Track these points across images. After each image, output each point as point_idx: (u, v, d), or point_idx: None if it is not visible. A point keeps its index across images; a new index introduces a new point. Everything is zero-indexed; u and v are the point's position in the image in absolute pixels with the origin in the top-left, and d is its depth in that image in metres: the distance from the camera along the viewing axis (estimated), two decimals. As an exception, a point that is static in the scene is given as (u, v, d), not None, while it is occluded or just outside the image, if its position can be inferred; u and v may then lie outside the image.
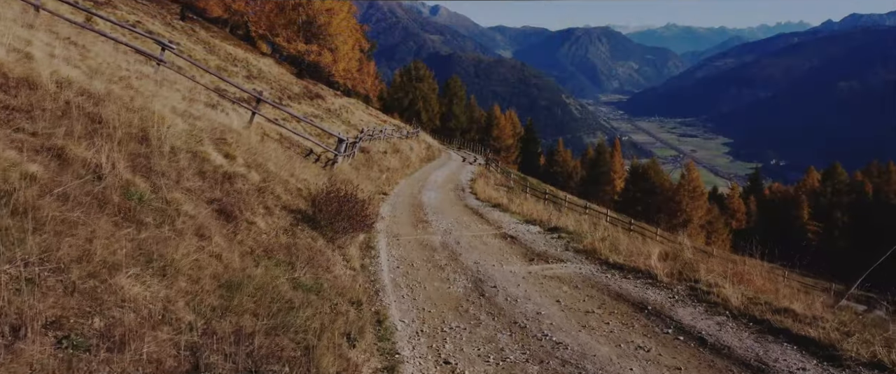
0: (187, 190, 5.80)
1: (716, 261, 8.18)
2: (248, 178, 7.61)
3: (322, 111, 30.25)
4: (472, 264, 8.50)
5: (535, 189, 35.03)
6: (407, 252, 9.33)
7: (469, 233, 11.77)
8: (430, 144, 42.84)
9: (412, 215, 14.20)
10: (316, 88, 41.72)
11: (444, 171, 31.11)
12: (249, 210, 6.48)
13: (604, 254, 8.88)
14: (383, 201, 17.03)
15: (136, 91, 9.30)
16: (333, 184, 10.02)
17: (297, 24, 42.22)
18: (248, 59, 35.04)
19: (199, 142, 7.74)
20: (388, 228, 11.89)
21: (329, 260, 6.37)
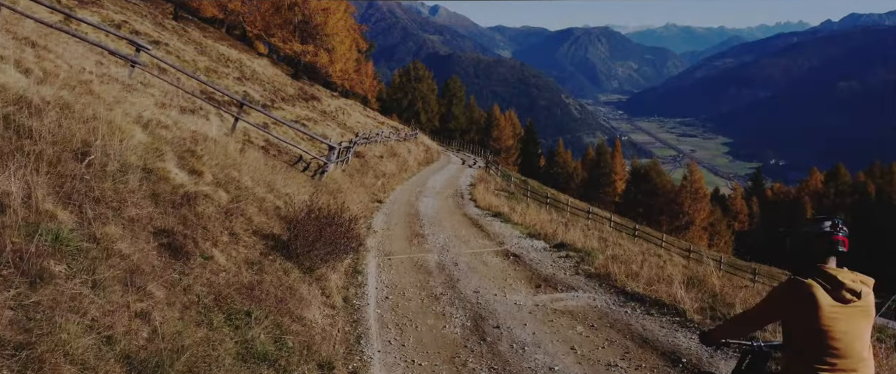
0: (130, 220, 4.80)
1: (749, 292, 7.16)
2: (215, 198, 6.60)
3: (317, 114, 29.25)
4: (471, 293, 7.50)
5: (537, 193, 34.01)
6: (399, 277, 8.33)
7: (468, 250, 10.78)
8: (429, 146, 41.85)
9: (407, 228, 13.20)
10: (312, 89, 40.73)
11: (442, 175, 30.12)
12: (209, 240, 5.48)
13: (620, 279, 7.88)
14: (378, 210, 16.04)
15: (96, 97, 8.30)
16: (316, 200, 9.00)
17: (293, 24, 41.26)
18: (242, 60, 34.05)
19: (160, 156, 6.74)
20: (381, 244, 10.89)
21: (302, 300, 5.37)
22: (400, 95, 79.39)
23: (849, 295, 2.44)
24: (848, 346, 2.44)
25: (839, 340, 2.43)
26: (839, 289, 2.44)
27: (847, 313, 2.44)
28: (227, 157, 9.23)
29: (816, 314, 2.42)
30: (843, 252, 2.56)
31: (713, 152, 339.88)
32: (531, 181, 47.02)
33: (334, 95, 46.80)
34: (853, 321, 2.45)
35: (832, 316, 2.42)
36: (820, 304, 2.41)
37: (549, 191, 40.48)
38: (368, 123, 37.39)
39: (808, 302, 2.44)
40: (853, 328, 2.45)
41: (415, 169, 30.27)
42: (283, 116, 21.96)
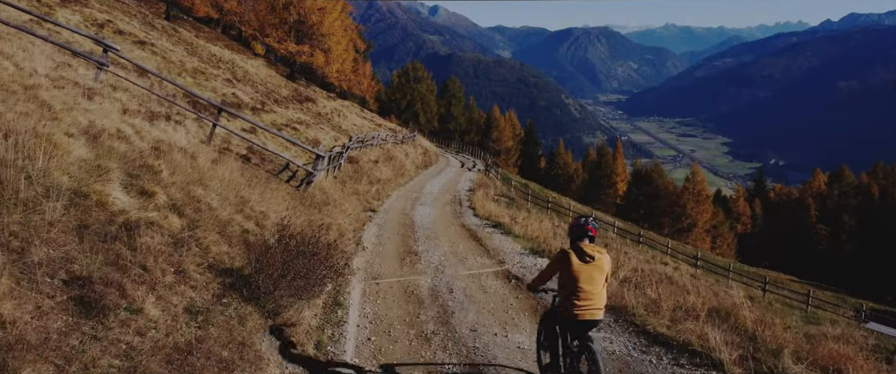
0: (32, 267, 3.77)
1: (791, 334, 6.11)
2: (164, 225, 5.57)
3: (311, 116, 28.21)
4: (467, 331, 6.46)
5: (538, 197, 32.96)
6: (386, 309, 7.30)
7: (465, 271, 9.75)
8: (427, 148, 40.80)
9: (400, 243, 12.16)
10: (307, 90, 39.69)
11: (441, 179, 29.08)
12: (145, 284, 4.45)
13: (638, 313, 6.85)
14: (370, 220, 15.01)
15: (41, 105, 7.26)
16: (295, 220, 7.97)
17: (289, 24, 40.20)
18: (235, 61, 33.01)
19: (102, 176, 5.70)
20: (369, 264, 9.86)
21: (258, 360, 4.34)
22: (399, 95, 78.42)
23: (588, 259, 4.29)
24: (587, 287, 4.25)
25: (583, 281, 4.25)
26: (583, 256, 4.29)
27: (587, 268, 4.28)
28: (196, 170, 8.19)
29: (570, 268, 4.29)
30: (591, 236, 4.45)
31: (713, 152, 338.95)
32: (532, 184, 46.01)
33: (331, 96, 45.75)
34: (590, 272, 4.28)
35: (578, 269, 4.27)
36: (572, 263, 4.29)
37: (550, 194, 39.45)
38: (365, 126, 36.34)
39: (567, 262, 4.32)
40: (590, 276, 4.27)
41: (412, 173, 29.23)
42: (273, 120, 20.93)
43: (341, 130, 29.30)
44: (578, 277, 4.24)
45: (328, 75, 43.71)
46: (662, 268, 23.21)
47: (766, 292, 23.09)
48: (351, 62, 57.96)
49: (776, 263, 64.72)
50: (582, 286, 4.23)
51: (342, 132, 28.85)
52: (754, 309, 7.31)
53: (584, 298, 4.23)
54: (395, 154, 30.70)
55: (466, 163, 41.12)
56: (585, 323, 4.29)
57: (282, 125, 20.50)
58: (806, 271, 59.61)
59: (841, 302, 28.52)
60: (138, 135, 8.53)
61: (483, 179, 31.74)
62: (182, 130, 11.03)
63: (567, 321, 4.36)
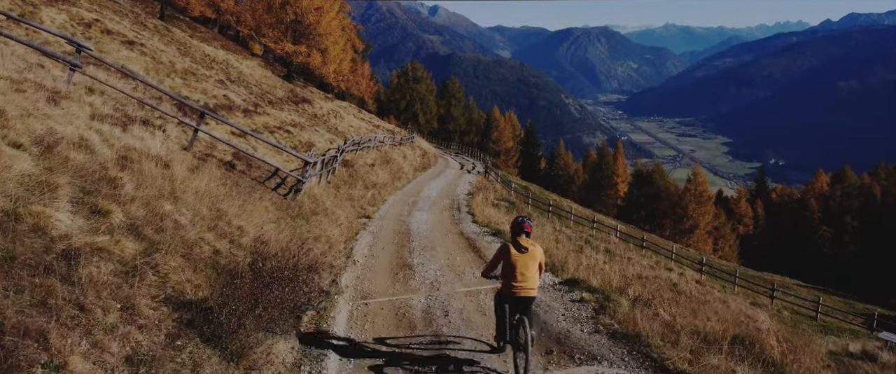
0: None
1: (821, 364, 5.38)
2: (115, 251, 4.85)
3: (306, 118, 27.49)
4: (464, 365, 5.74)
5: (538, 200, 32.27)
6: (374, 336, 6.58)
7: (463, 287, 9.03)
8: (426, 150, 40.09)
9: (394, 254, 11.45)
10: (304, 91, 38.98)
11: (439, 182, 28.36)
12: (80, 327, 3.73)
13: (653, 343, 6.14)
14: (364, 228, 14.29)
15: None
16: (274, 237, 7.25)
17: (285, 24, 39.49)
18: (229, 61, 32.30)
19: (47, 193, 4.99)
20: (359, 280, 9.14)
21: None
22: (398, 96, 77.77)
23: (523, 250, 5.43)
24: (524, 274, 5.40)
25: (520, 267, 5.39)
26: (520, 248, 5.44)
27: (523, 257, 5.43)
28: (168, 181, 7.47)
29: (510, 257, 5.42)
30: (527, 232, 5.60)
31: (713, 152, 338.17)
32: (532, 186, 45.28)
33: (329, 97, 45.04)
34: (526, 261, 5.43)
35: (516, 258, 5.41)
36: (511, 253, 5.43)
37: (551, 197, 38.72)
38: (362, 127, 35.63)
39: (507, 253, 5.46)
40: (526, 263, 5.42)
41: (410, 176, 28.51)
42: (265, 123, 20.21)
43: (337, 133, 28.57)
44: (516, 264, 5.44)
45: (326, 76, 43.00)
46: (667, 274, 22.50)
47: (774, 299, 22.40)
48: (349, 62, 57.24)
49: (779, 265, 64.00)
50: (519, 271, 5.44)
51: (338, 134, 28.12)
52: (780, 335, 6.59)
53: (520, 280, 5.42)
54: (393, 157, 29.99)
55: (466, 165, 40.40)
56: (524, 299, 5.47)
57: (274, 128, 19.78)
58: (809, 273, 58.90)
59: (849, 308, 27.84)
60: (106, 143, 7.81)
61: (483, 181, 31.02)
62: (160, 137, 10.31)
63: (510, 298, 5.52)
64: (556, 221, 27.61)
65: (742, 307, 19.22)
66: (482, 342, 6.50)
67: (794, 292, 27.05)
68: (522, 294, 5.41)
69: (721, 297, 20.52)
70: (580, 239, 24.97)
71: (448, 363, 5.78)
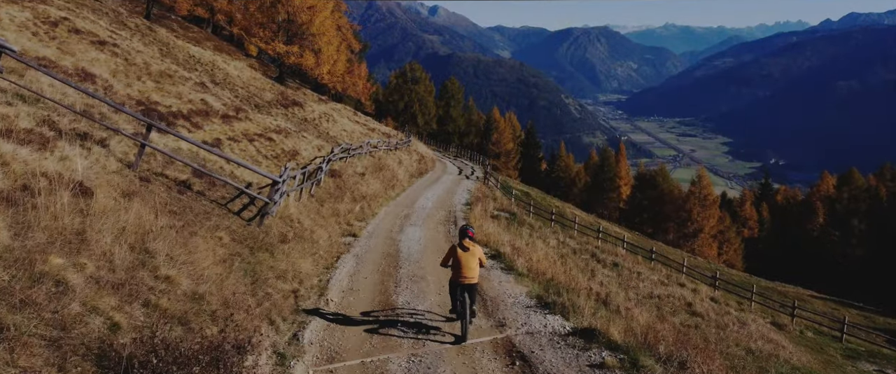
0: None
1: None
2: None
3: (294, 123, 25.83)
4: None
5: (541, 207, 30.59)
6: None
7: (455, 346, 7.38)
8: (423, 154, 38.42)
9: (378, 287, 9.80)
10: (296, 93, 37.34)
11: (436, 190, 26.70)
12: None
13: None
14: (348, 250, 12.63)
15: None
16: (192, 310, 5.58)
17: (277, 23, 37.85)
18: (216, 63, 30.63)
19: None
20: (328, 333, 7.45)
21: None
22: (396, 97, 76.15)
23: (466, 249, 7.60)
24: (466, 266, 7.50)
25: (464, 263, 7.50)
26: (464, 248, 7.57)
27: (466, 255, 7.56)
28: (80, 218, 5.81)
29: (457, 255, 7.58)
30: (470, 236, 7.74)
31: (713, 152, 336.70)
32: (533, 191, 43.59)
33: (323, 99, 43.39)
34: (467, 258, 7.55)
35: (461, 256, 7.55)
36: (458, 252, 7.59)
37: (553, 203, 37.03)
38: (356, 131, 33.97)
39: (455, 252, 7.63)
40: (468, 260, 7.54)
41: (405, 184, 26.84)
42: (246, 130, 18.54)
43: (328, 138, 26.90)
44: (461, 260, 7.63)
45: (320, 77, 41.35)
46: (680, 291, 20.86)
47: (795, 318, 20.73)
48: (345, 63, 55.63)
49: (785, 270, 62.31)
50: (464, 265, 7.61)
51: (329, 140, 26.46)
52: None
53: (465, 272, 7.59)
54: (387, 163, 28.32)
55: (464, 169, 38.73)
56: (467, 285, 7.63)
57: (255, 136, 18.11)
58: (817, 278, 57.23)
59: (870, 322, 26.19)
60: (2, 168, 6.15)
61: (482, 188, 29.36)
62: (98, 154, 8.64)
63: (458, 284, 7.64)
64: (560, 231, 25.97)
65: (763, 330, 17.58)
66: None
67: (809, 306, 25.39)
68: (466, 282, 7.62)
69: (739, 317, 18.88)
70: (586, 251, 23.34)
71: None
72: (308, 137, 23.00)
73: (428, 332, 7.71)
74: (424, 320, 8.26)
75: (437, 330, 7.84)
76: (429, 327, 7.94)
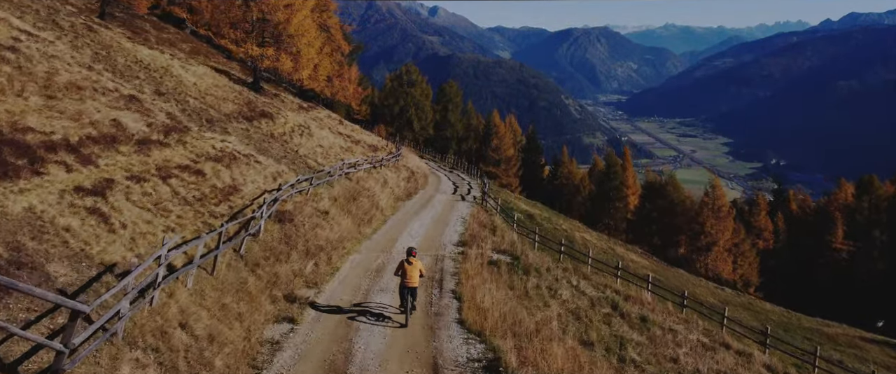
0: None
1: None
2: None
3: (253, 142, 21.31)
4: None
5: (547, 236, 26.06)
6: None
7: None
8: (414, 169, 33.89)
9: None
10: (272, 101, 32.81)
11: (424, 220, 22.20)
12: None
13: None
14: (271, 357, 8.13)
15: None
16: None
17: (250, 23, 33.34)
18: (171, 68, 26.10)
19: None
20: None
21: None
22: (391, 100, 71.65)
23: (411, 264, 10.85)
24: (410, 276, 10.83)
25: (408, 273, 10.81)
26: (410, 263, 10.84)
27: (410, 268, 10.84)
28: None
29: (404, 267, 10.83)
30: (413, 255, 11.02)
31: (713, 153, 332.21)
32: (537, 206, 38.97)
33: (306, 106, 38.86)
34: (410, 269, 10.83)
35: (407, 267, 10.83)
36: (405, 265, 10.85)
37: (559, 224, 32.39)
38: (337, 146, 29.44)
39: (402, 266, 10.87)
40: (411, 270, 10.83)
41: (388, 211, 22.33)
42: (167, 160, 13.98)
43: (295, 159, 22.36)
44: (407, 270, 10.68)
45: (300, 82, 36.84)
46: (729, 359, 16.37)
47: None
48: (335, 66, 51.17)
49: (803, 285, 57.86)
50: (408, 274, 10.69)
51: (295, 163, 21.91)
52: None
53: (409, 278, 10.68)
54: (368, 186, 23.80)
55: (460, 186, 34.20)
56: (411, 288, 10.75)
57: (177, 169, 13.56)
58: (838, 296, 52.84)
59: None
60: None
61: (479, 215, 24.84)
62: None
63: (405, 287, 10.76)
64: (572, 270, 21.49)
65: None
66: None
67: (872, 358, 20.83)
68: (410, 285, 10.79)
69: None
70: (606, 301, 18.87)
71: None
72: (264, 162, 18.45)
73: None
74: None
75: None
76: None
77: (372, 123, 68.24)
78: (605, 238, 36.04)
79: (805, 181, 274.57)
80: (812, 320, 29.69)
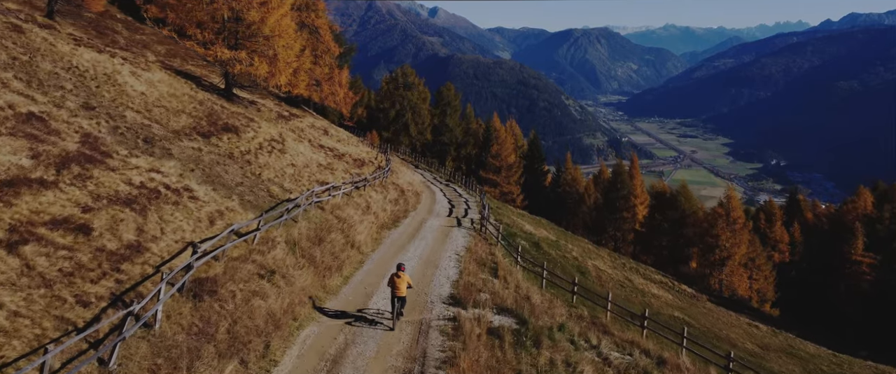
0: None
1: None
2: None
3: (208, 163, 17.23)
4: None
5: (555, 273, 21.99)
6: None
7: None
8: (405, 186, 29.80)
9: None
10: (246, 111, 28.73)
11: (410, 262, 18.13)
12: None
13: None
14: None
15: None
16: None
17: (220, 22, 29.29)
18: (116, 75, 22.04)
19: None
20: None
21: None
22: (387, 104, 67.60)
23: (399, 278, 12.39)
24: (399, 288, 12.31)
25: (397, 284, 12.33)
26: (399, 276, 12.40)
27: (399, 281, 12.36)
28: None
29: (393, 279, 12.35)
30: (402, 270, 12.60)
31: (714, 153, 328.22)
32: (542, 226, 34.84)
33: (289, 114, 34.77)
34: (399, 282, 12.33)
35: (396, 280, 12.37)
36: (394, 278, 12.37)
37: (570, 252, 28.24)
38: (315, 162, 25.34)
39: (393, 278, 12.40)
40: (400, 284, 12.33)
41: (366, 250, 18.24)
42: (31, 212, 9.91)
43: (256, 185, 18.25)
44: (396, 282, 12.17)
45: (278, 87, 32.79)
46: None
47: None
48: (325, 69, 47.15)
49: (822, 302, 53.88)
50: (397, 286, 12.15)
51: (256, 189, 17.80)
52: None
53: (398, 288, 12.13)
54: (344, 215, 19.72)
55: (457, 206, 30.10)
56: (400, 297, 12.25)
57: (50, 223, 9.48)
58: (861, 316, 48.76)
59: None
60: None
61: (477, 248, 20.77)
62: None
63: (395, 296, 12.20)
64: (588, 318, 17.47)
65: None
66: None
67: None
68: (399, 295, 12.21)
69: None
70: (636, 369, 14.90)
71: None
72: (205, 196, 14.35)
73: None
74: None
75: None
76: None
77: (368, 129, 64.17)
78: (619, 264, 31.93)
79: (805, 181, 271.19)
80: (862, 364, 25.60)
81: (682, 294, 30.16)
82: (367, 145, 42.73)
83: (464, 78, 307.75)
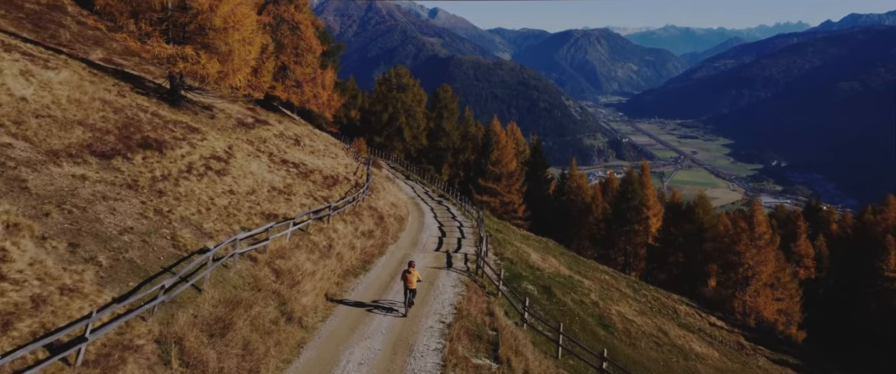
0: None
1: None
2: None
3: (84, 199, 11.67)
4: None
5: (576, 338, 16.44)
6: None
7: None
8: (386, 212, 24.19)
9: None
10: (192, 118, 23.14)
11: (376, 330, 12.59)
12: None
13: None
14: None
15: None
16: None
17: (157, 11, 23.71)
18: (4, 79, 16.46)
19: None
20: None
21: None
22: (379, 107, 61.98)
23: (410, 273, 14.27)
24: (410, 281, 14.24)
25: (408, 278, 14.25)
26: (409, 272, 14.30)
27: (410, 276, 14.24)
28: None
29: (405, 274, 14.24)
30: (412, 266, 14.48)
31: (714, 154, 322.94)
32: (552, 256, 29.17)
33: (253, 121, 29.18)
34: (411, 277, 14.20)
35: (407, 274, 14.31)
36: (406, 275, 14.25)
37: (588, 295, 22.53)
38: (267, 186, 19.77)
39: (405, 273, 14.29)
40: (411, 278, 14.23)
41: (312, 321, 12.66)
42: None
43: (152, 233, 12.64)
44: (408, 278, 14.13)
45: (235, 88, 27.23)
46: None
47: None
48: (306, 69, 41.62)
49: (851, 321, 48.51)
50: (408, 279, 14.14)
51: (148, 244, 12.20)
52: None
53: (410, 281, 14.10)
54: (288, 266, 14.13)
55: (449, 234, 24.50)
56: (411, 289, 14.21)
57: None
58: None
59: None
60: None
61: (470, 305, 15.21)
62: None
63: (407, 288, 14.20)
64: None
65: None
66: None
67: None
68: (410, 287, 14.01)
69: None
70: None
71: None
72: (18, 272, 8.76)
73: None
74: None
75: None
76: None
77: (361, 133, 58.72)
78: (644, 301, 26.30)
79: (806, 182, 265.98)
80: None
81: (729, 349, 24.45)
82: (350, 156, 37.11)
83: (464, 79, 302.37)
